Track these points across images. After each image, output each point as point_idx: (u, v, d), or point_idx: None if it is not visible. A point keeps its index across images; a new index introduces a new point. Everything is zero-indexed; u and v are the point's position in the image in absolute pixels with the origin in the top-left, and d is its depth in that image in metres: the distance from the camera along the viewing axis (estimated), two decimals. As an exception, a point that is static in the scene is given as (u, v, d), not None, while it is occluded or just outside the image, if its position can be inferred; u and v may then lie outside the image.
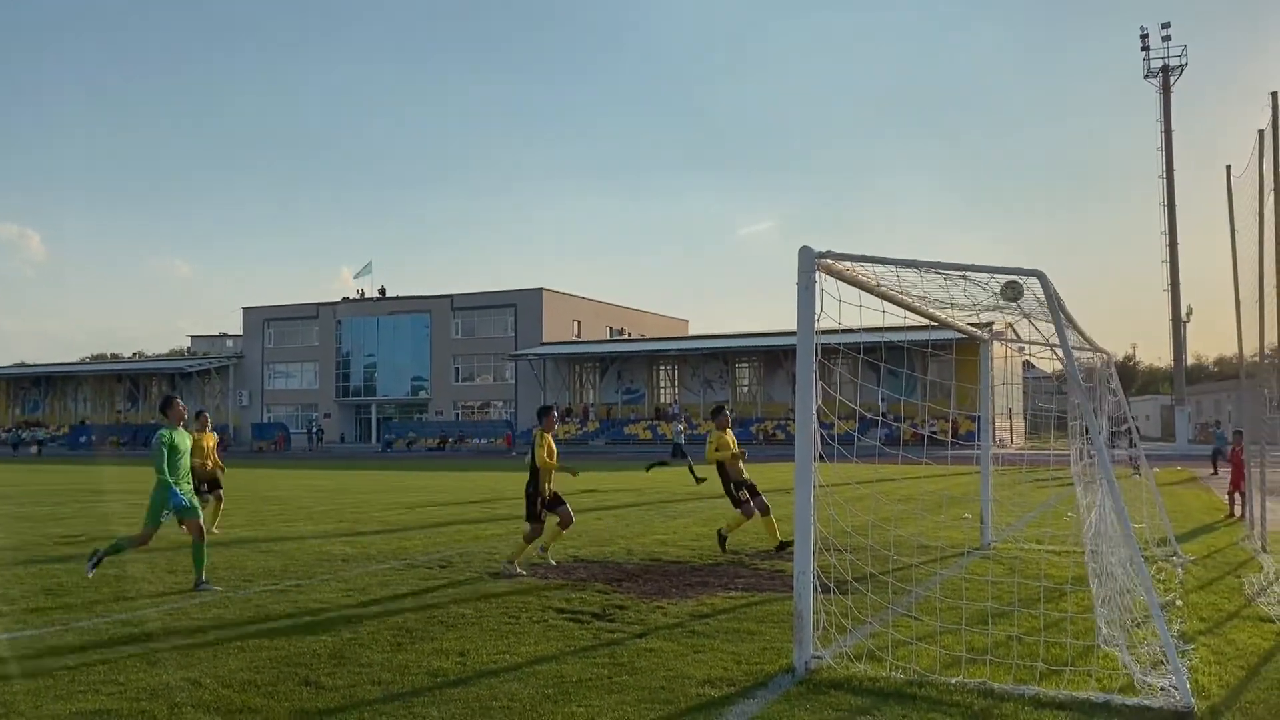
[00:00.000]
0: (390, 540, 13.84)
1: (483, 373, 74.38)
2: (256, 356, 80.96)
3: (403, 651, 7.08)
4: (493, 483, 28.10)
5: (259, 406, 79.88)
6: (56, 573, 10.85)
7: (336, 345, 78.15)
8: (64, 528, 15.68)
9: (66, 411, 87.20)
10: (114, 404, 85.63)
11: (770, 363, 64.76)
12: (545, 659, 6.85)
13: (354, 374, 77.95)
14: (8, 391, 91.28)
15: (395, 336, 76.30)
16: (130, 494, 23.58)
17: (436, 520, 16.90)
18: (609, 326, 77.90)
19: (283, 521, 16.78)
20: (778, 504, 19.74)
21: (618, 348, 70.90)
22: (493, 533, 14.75)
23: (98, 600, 9.17)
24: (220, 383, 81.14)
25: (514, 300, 72.56)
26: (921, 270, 6.56)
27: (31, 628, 7.93)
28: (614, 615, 8.37)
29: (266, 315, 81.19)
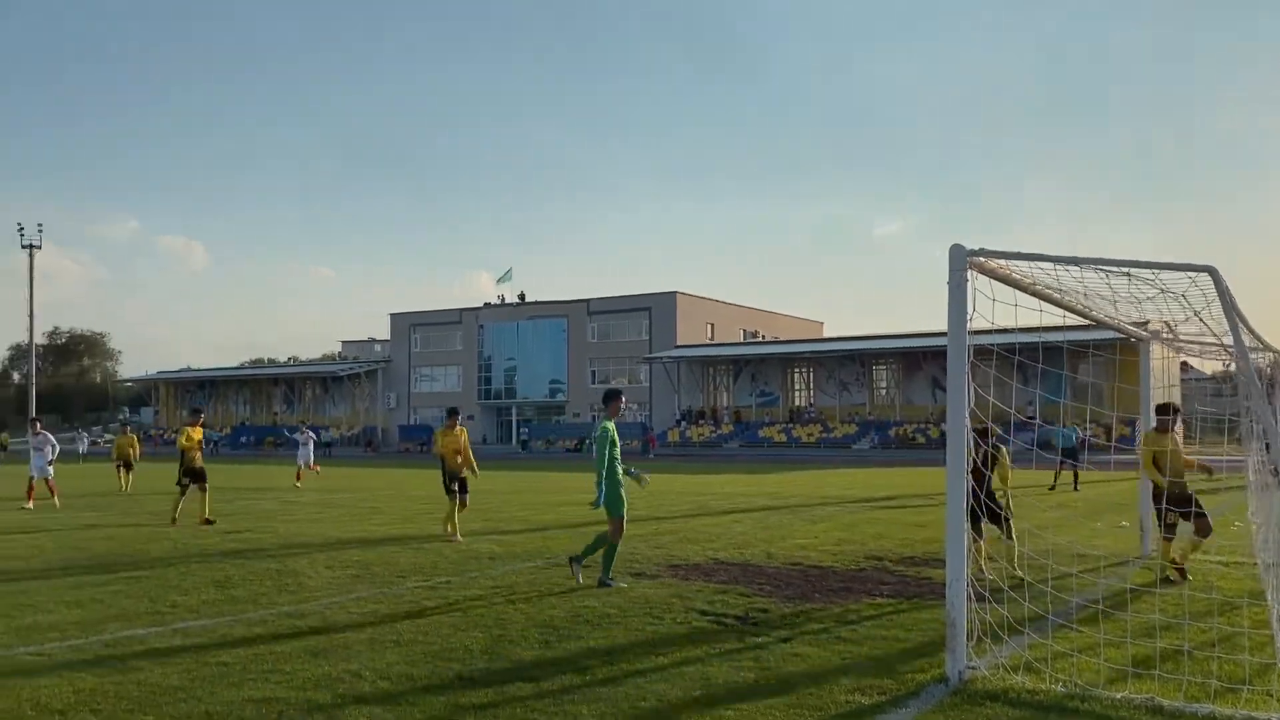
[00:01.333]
0: (533, 539, 14.10)
1: (618, 375, 75.09)
2: (403, 360, 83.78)
3: (551, 649, 7.20)
4: (628, 483, 28.31)
5: (406, 409, 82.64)
6: (224, 567, 11.45)
7: (478, 349, 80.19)
8: (229, 524, 16.54)
9: (228, 413, 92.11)
10: (270, 406, 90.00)
11: (909, 364, 63.31)
12: (691, 661, 6.85)
13: (495, 377, 79.83)
14: (176, 394, 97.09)
15: (534, 340, 77.81)
16: (279, 491, 24.76)
17: (576, 520, 17.11)
18: (742, 329, 77.59)
19: (431, 520, 17.27)
20: (916, 510, 19.35)
21: (752, 350, 70.53)
22: (631, 533, 14.80)
23: (262, 593, 9.63)
24: (369, 386, 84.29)
25: (648, 304, 73.03)
26: (1081, 267, 6.29)
27: (204, 618, 8.39)
28: (757, 619, 8.31)
29: (412, 320, 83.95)
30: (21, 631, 7.76)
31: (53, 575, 10.70)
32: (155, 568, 11.30)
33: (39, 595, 9.42)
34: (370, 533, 15.15)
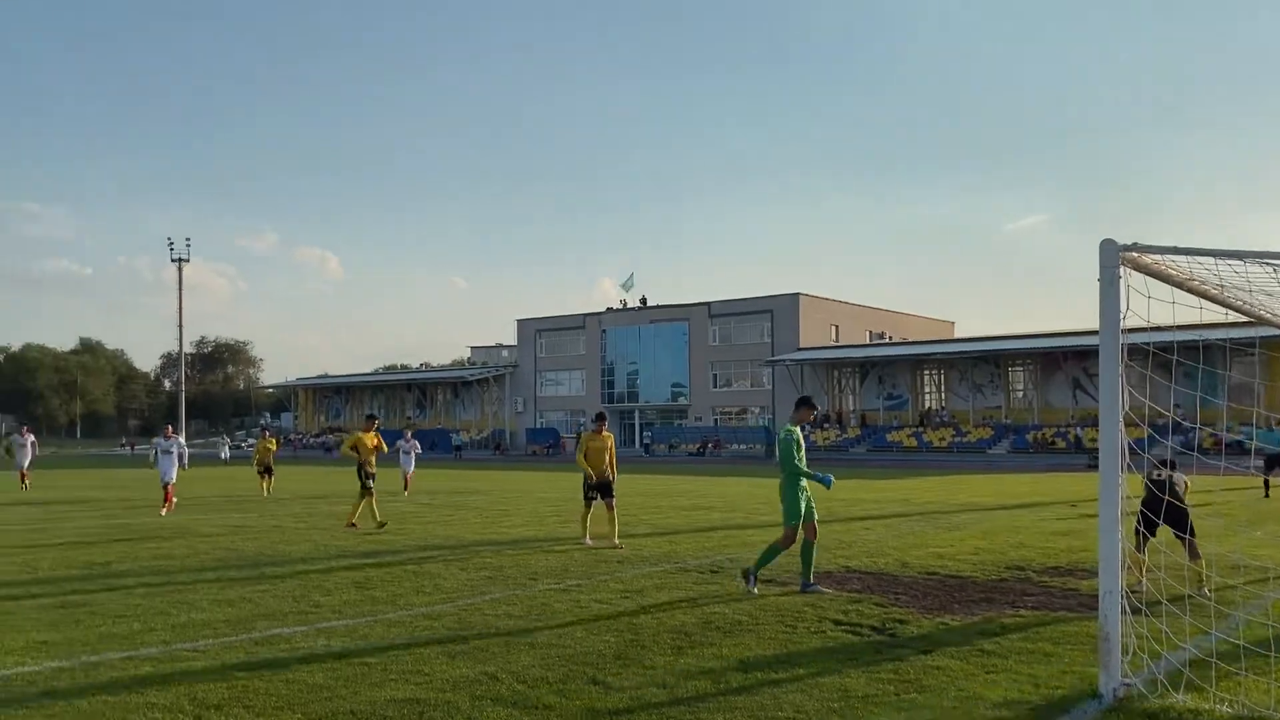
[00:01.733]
0: (661, 543, 14.09)
1: (740, 379, 74.71)
2: (529, 365, 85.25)
3: (684, 656, 7.14)
4: (752, 489, 28.09)
5: (532, 413, 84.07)
6: (363, 566, 11.79)
7: (601, 354, 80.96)
8: (365, 524, 17.03)
9: (363, 418, 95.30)
10: (404, 410, 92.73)
11: (1047, 365, 61.04)
12: (827, 671, 6.70)
13: (618, 380, 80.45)
14: (314, 399, 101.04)
15: (656, 344, 78.11)
16: (419, 493, 25.42)
17: (703, 524, 17.06)
18: (868, 330, 76.21)
19: (560, 523, 17.48)
20: (1058, 518, 18.60)
21: (878, 351, 69.19)
22: (760, 539, 14.67)
23: (400, 594, 9.86)
24: (497, 390, 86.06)
25: (770, 306, 72.45)
26: (1246, 261, 5.89)
27: (346, 618, 8.63)
28: (894, 629, 8.08)
29: (538, 326, 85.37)
30: (179, 628, 8.12)
31: (206, 574, 11.19)
32: (299, 568, 11.71)
33: (194, 594, 9.86)
34: (501, 534, 15.39)
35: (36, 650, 7.29)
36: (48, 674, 6.58)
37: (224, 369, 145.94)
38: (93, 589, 10.12)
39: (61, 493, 26.95)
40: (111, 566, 11.80)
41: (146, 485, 29.44)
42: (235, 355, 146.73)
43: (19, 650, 7.29)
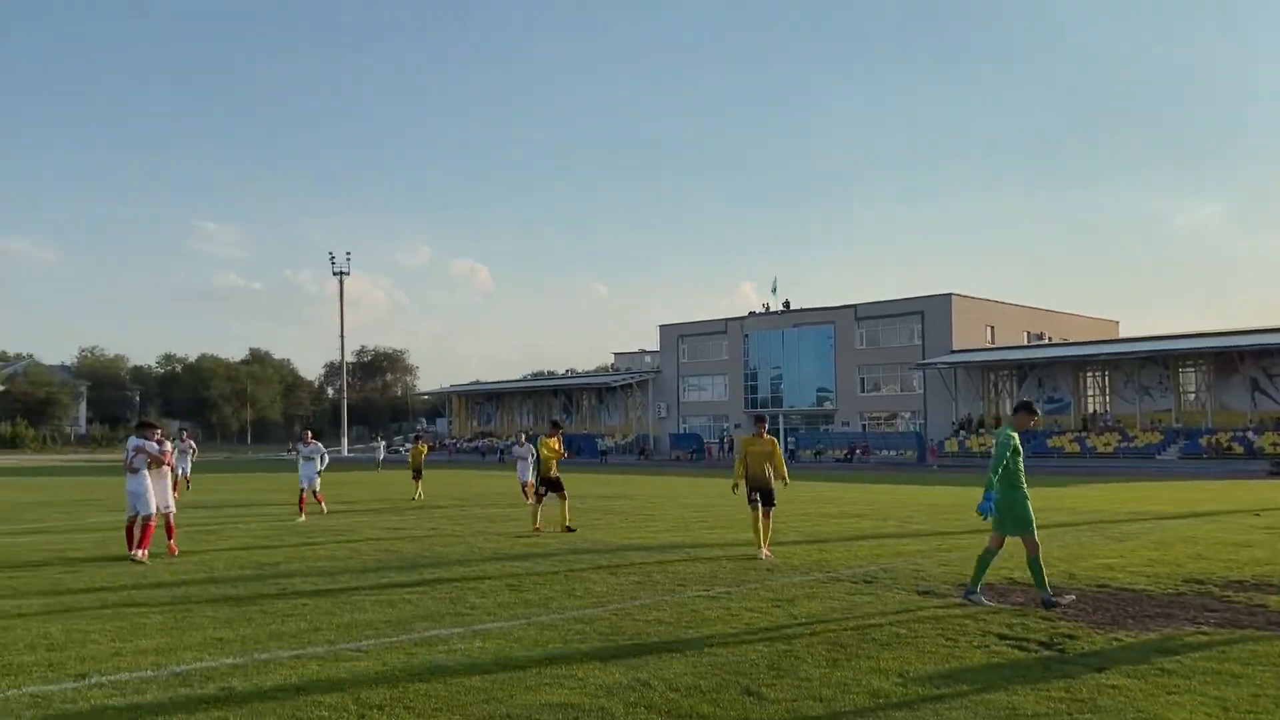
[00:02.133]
0: (811, 551, 13.82)
1: (889, 383, 72.98)
2: (672, 371, 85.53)
3: (839, 668, 6.94)
4: (905, 496, 27.36)
5: (676, 418, 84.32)
6: (515, 569, 11.98)
7: (744, 358, 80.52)
8: (517, 527, 17.35)
9: (512, 423, 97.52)
10: (551, 416, 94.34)
11: (1222, 365, 57.33)
12: (993, 687, 6.39)
13: (761, 385, 79.82)
14: (467, 405, 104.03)
15: (800, 348, 77.15)
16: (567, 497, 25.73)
17: (854, 533, 16.68)
18: (1026, 331, 73.26)
19: (706, 528, 17.39)
20: (1239, 528, 17.33)
21: (1037, 353, 66.42)
22: (914, 548, 14.26)
23: (552, 597, 9.96)
24: (641, 396, 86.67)
25: (920, 307, 70.54)
26: None
27: (501, 620, 8.76)
28: (1063, 645, 7.67)
29: (680, 331, 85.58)
30: (343, 628, 8.40)
31: (368, 575, 11.57)
32: (454, 570, 11.99)
33: (356, 594, 10.20)
34: (648, 539, 15.41)
35: (213, 647, 7.66)
36: (223, 670, 6.89)
37: (382, 377, 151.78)
38: (263, 589, 10.59)
39: (233, 495, 28.45)
40: (280, 567, 12.34)
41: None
42: (393, 363, 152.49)
43: (197, 646, 7.66)
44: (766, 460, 13.13)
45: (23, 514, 21.40)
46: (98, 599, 9.88)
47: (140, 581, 11.05)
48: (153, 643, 7.77)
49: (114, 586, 10.69)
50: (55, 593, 10.31)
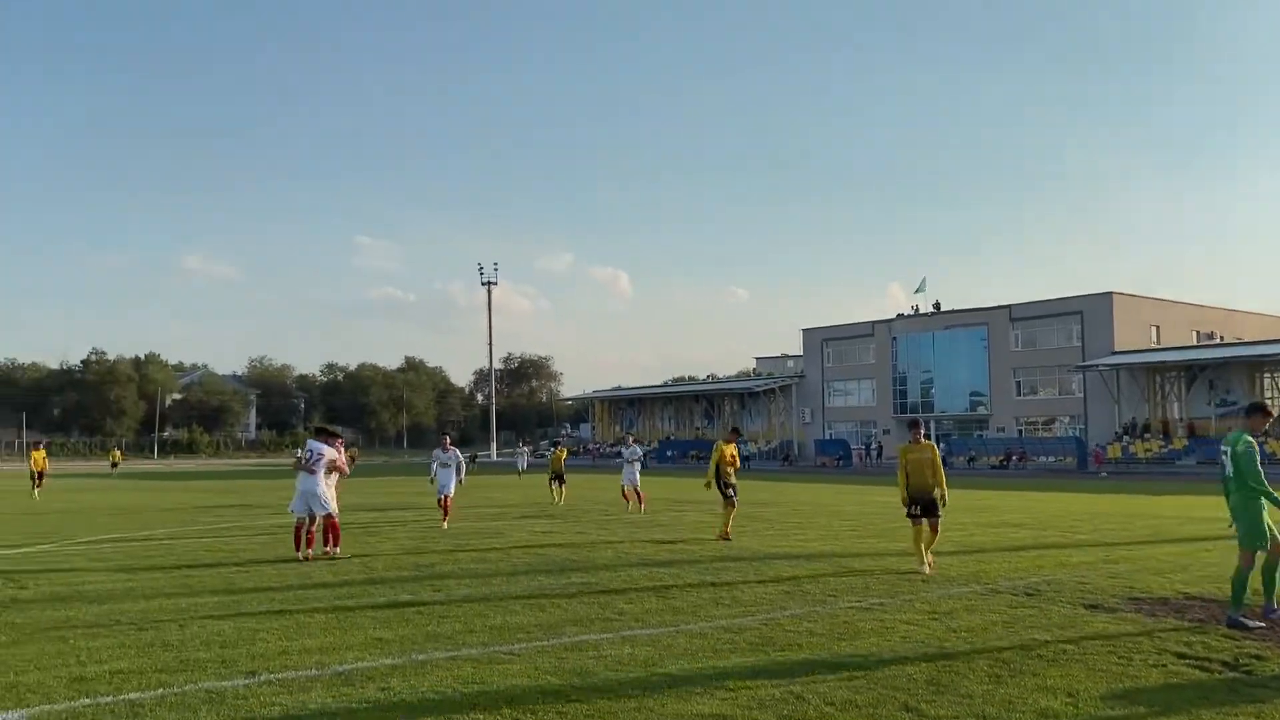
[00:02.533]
0: (967, 562, 13.31)
1: (1046, 386, 70.02)
2: (816, 375, 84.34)
3: (1003, 685, 6.62)
4: (1066, 504, 26.14)
5: (820, 423, 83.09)
6: (663, 576, 11.95)
7: (892, 362, 78.71)
8: (664, 533, 17.35)
9: (655, 429, 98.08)
10: (693, 422, 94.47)
11: None
12: (1173, 710, 5.99)
13: (910, 390, 77.84)
14: (610, 411, 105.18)
15: (951, 351, 74.87)
16: (708, 503, 25.61)
17: (1013, 543, 16.00)
18: (1195, 330, 69.12)
19: (856, 537, 17.00)
20: None
21: (1207, 353, 62.56)
22: (1079, 560, 13.58)
23: (700, 605, 9.88)
24: (784, 401, 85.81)
25: (1079, 307, 67.42)
26: None
27: (649, 626, 8.73)
28: (1250, 666, 7.13)
29: (824, 335, 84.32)
30: (495, 630, 8.53)
31: (519, 579, 11.74)
32: (602, 575, 12.04)
33: (508, 598, 10.35)
34: (796, 548, 15.15)
35: (373, 647, 7.88)
36: (383, 670, 7.07)
37: (528, 383, 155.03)
38: (419, 590, 10.88)
39: (390, 498, 29.47)
40: (434, 569, 12.67)
41: (458, 491, 31.66)
42: (538, 370, 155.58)
43: (358, 646, 7.91)
44: (928, 468, 12.28)
45: (200, 516, 22.69)
46: (266, 598, 10.33)
47: (305, 581, 11.52)
48: (317, 642, 8.06)
49: (281, 586, 11.17)
50: (228, 591, 10.83)
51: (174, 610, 9.55)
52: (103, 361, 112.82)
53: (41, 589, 11.00)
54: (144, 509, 25.16)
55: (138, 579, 11.80)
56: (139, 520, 21.28)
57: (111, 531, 18.35)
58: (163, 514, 23.24)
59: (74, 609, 9.65)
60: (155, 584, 11.38)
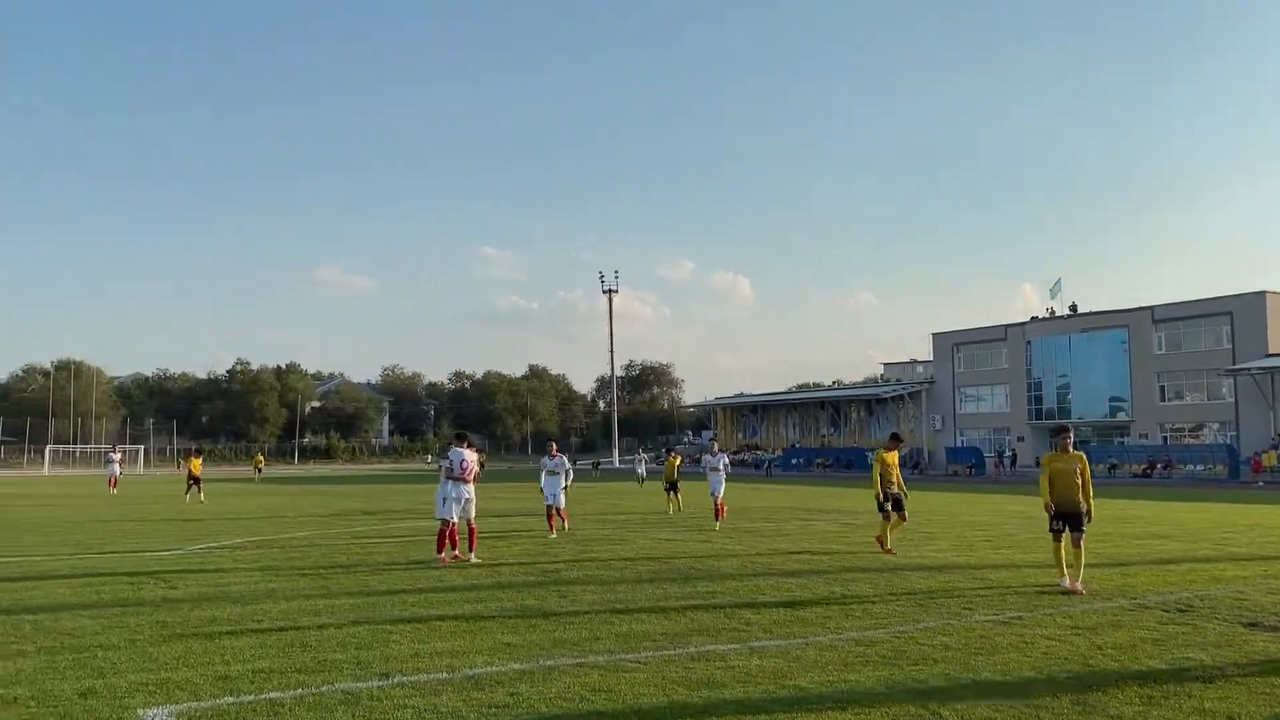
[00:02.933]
0: (1112, 575, 12.67)
1: (1193, 390, 66.55)
2: (947, 381, 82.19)
3: (1156, 707, 6.25)
4: (1218, 515, 24.71)
5: (952, 430, 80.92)
6: (790, 586, 11.75)
7: (1027, 367, 76.07)
8: (789, 543, 17.08)
9: (779, 436, 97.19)
10: (818, 429, 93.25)
11: None
12: (1350, 742, 5.52)
13: (1046, 396, 75.06)
14: (732, 418, 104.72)
15: (1089, 355, 71.91)
16: (836, 513, 25.19)
17: (1161, 556, 15.19)
18: (1362, 329, 64.65)
19: (990, 548, 16.43)
20: None
21: (1373, 356, 58.47)
22: (1234, 574, 12.81)
23: (829, 617, 9.66)
24: (913, 408, 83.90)
25: (1229, 307, 63.88)
26: None
27: (777, 638, 8.57)
28: None
29: (955, 340, 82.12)
30: (621, 638, 8.50)
31: (643, 586, 11.72)
32: (728, 584, 11.91)
33: (633, 605, 10.33)
34: (928, 559, 14.71)
35: (502, 651, 7.96)
36: (511, 675, 7.12)
37: (649, 390, 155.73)
38: (546, 595, 10.96)
39: (515, 504, 29.89)
40: (561, 574, 12.76)
41: (582, 498, 31.94)
42: (659, 377, 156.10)
43: (487, 650, 7.99)
44: (1075, 479, 11.41)
45: (337, 520, 23.46)
46: (399, 601, 10.57)
47: (436, 585, 11.75)
48: (447, 645, 8.18)
49: (413, 590, 11.41)
50: (363, 594, 11.13)
51: (312, 611, 9.85)
52: (247, 371, 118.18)
53: (190, 589, 11.51)
54: (285, 512, 26.18)
55: (278, 580, 12.24)
56: (280, 523, 22.13)
57: (255, 534, 19.13)
58: (302, 517, 24.13)
59: (219, 609, 10.06)
60: (295, 586, 11.78)
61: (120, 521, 22.93)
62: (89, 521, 22.90)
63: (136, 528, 21.01)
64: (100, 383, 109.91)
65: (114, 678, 7.05)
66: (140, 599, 10.74)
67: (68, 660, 7.62)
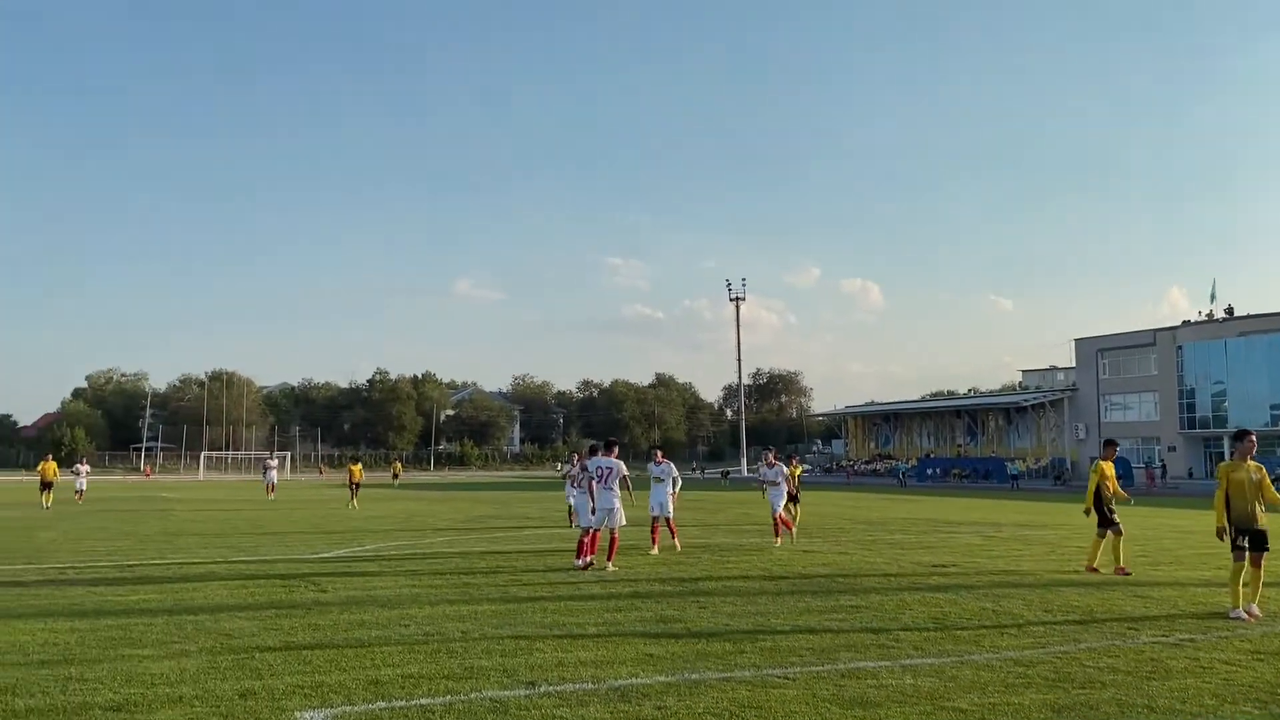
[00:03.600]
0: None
1: (1366, 397, 62.09)
2: (1090, 388, 78.78)
3: (1364, 746, 5.70)
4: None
5: (1096, 440, 77.43)
6: (938, 601, 11.31)
7: (1178, 373, 72.27)
8: (933, 556, 16.52)
9: (912, 446, 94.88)
10: (954, 438, 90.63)
11: None
12: None
13: (1199, 403, 71.12)
14: (863, 427, 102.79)
15: (1247, 360, 67.79)
16: (977, 525, 24.30)
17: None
18: None
19: (1149, 564, 15.56)
20: None
21: None
22: None
23: (983, 634, 9.24)
24: (1054, 416, 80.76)
25: (1407, 308, 59.36)
26: None
27: (930, 656, 8.22)
28: None
29: (1099, 345, 78.67)
30: (766, 653, 8.29)
31: (784, 598, 11.46)
32: (872, 598, 11.55)
33: (775, 618, 10.08)
34: (1085, 575, 13.99)
35: (645, 663, 7.85)
36: (658, 688, 7.00)
37: (777, 398, 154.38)
38: (685, 606, 10.81)
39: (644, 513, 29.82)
40: (699, 585, 12.60)
41: (713, 507, 31.73)
42: (787, 385, 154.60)
43: (631, 661, 7.90)
44: (1254, 491, 10.51)
45: (474, 526, 23.87)
46: (540, 608, 10.59)
47: (576, 593, 11.75)
48: (591, 654, 8.13)
49: (553, 597, 11.44)
50: (504, 600, 11.21)
51: (456, 617, 9.97)
52: (386, 380, 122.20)
53: (339, 593, 11.82)
54: (424, 517, 26.80)
55: (422, 585, 12.46)
56: (421, 529, 22.64)
57: (397, 539, 19.61)
58: (441, 523, 24.64)
59: (368, 612, 10.27)
60: (438, 590, 11.96)
61: (277, 525, 23.86)
62: (244, 524, 23.89)
63: (288, 531, 21.82)
64: (250, 392, 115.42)
65: (271, 679, 7.24)
66: (293, 601, 11.08)
67: (228, 661, 7.87)
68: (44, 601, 11.03)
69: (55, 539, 19.54)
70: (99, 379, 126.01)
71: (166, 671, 7.47)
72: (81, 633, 9.07)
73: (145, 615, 10.06)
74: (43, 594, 11.65)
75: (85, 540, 19.25)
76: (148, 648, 8.39)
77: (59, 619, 9.82)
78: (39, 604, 10.85)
